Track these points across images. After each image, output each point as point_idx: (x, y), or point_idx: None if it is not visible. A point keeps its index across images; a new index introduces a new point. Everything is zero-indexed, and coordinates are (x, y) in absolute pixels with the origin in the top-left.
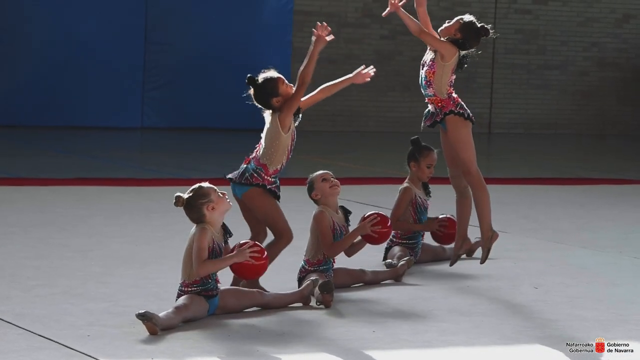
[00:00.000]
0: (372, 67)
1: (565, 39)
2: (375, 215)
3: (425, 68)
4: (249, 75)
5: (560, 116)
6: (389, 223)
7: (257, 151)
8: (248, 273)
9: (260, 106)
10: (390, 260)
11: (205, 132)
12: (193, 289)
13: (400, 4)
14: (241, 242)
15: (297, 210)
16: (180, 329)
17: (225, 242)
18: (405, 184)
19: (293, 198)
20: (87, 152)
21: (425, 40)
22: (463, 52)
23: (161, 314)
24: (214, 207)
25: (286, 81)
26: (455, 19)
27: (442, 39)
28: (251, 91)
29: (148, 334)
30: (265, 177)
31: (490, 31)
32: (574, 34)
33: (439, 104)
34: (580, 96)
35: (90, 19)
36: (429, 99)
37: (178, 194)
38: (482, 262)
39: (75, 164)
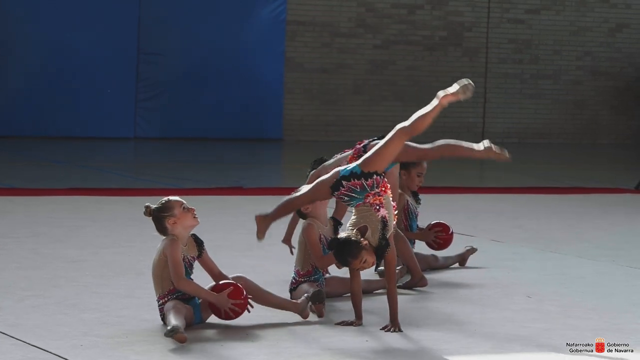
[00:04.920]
0: None
1: (559, 48)
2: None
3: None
4: (332, 238)
5: (553, 125)
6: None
7: None
8: (222, 316)
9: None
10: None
11: (198, 143)
12: (171, 297)
13: None
14: (228, 282)
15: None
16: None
17: (200, 253)
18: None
19: None
20: (80, 163)
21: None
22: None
23: (173, 322)
24: (176, 222)
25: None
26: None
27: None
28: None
29: (146, 344)
30: None
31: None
32: (567, 44)
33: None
34: (573, 105)
35: (84, 30)
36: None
37: (147, 204)
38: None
39: (68, 175)
